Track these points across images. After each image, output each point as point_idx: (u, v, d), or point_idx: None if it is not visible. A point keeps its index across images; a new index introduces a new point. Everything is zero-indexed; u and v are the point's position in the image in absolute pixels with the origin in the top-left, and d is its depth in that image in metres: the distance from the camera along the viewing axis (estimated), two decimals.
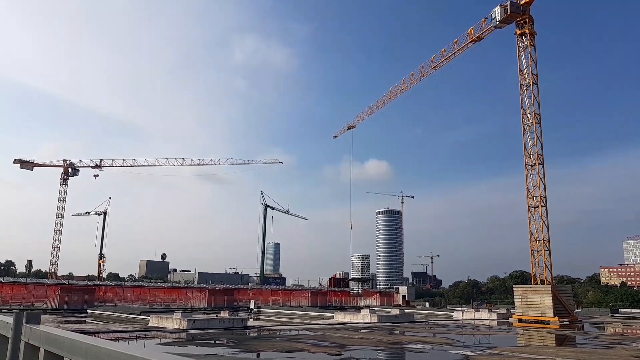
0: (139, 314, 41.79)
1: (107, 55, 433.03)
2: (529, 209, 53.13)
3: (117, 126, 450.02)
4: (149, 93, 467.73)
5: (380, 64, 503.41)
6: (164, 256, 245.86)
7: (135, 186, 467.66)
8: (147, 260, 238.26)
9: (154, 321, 36.33)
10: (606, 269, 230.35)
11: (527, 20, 55.21)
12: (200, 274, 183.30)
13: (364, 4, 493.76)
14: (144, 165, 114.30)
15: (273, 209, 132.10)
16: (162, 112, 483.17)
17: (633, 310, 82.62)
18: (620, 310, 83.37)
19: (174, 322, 33.94)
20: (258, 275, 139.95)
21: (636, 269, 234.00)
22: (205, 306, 65.84)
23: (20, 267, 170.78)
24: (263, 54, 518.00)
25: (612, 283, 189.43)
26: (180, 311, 38.46)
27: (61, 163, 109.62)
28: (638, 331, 43.79)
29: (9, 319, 4.31)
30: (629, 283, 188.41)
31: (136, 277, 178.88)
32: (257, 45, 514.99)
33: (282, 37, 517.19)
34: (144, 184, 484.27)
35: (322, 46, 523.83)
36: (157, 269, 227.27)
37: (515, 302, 52.97)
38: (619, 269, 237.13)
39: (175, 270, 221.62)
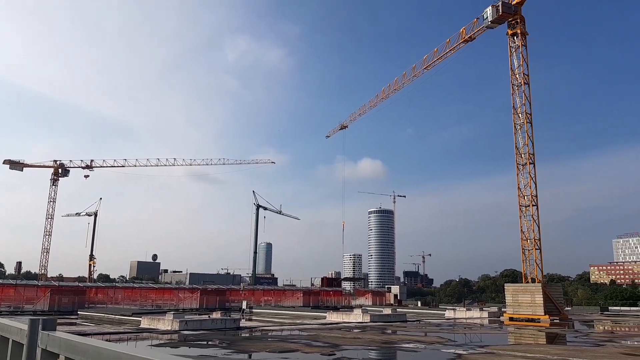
0: (131, 315, 41.53)
1: (98, 55, 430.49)
2: (520, 208, 53.49)
3: (109, 126, 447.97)
4: (141, 93, 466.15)
5: (373, 63, 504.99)
6: (155, 257, 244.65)
7: (127, 187, 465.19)
8: (138, 261, 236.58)
9: (145, 322, 36.13)
10: (596, 267, 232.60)
11: (518, 20, 55.56)
12: (191, 274, 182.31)
13: (357, 3, 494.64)
14: (135, 166, 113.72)
15: (265, 209, 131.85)
16: (154, 112, 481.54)
17: (622, 308, 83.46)
18: (609, 308, 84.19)
19: (166, 323, 33.76)
20: (250, 275, 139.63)
21: (625, 267, 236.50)
22: (197, 307, 65.53)
23: (10, 269, 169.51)
24: (255, 55, 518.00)
25: (602, 281, 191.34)
26: (172, 312, 38.29)
27: (51, 164, 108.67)
28: (627, 329, 44.24)
29: (24, 326, 4.24)
30: (618, 281, 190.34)
31: (127, 278, 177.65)
32: (249, 45, 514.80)
33: (274, 38, 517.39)
34: (135, 185, 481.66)
35: (315, 47, 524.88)
36: (148, 270, 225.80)
37: (506, 301, 53.32)
38: (609, 267, 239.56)
39: (166, 271, 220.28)
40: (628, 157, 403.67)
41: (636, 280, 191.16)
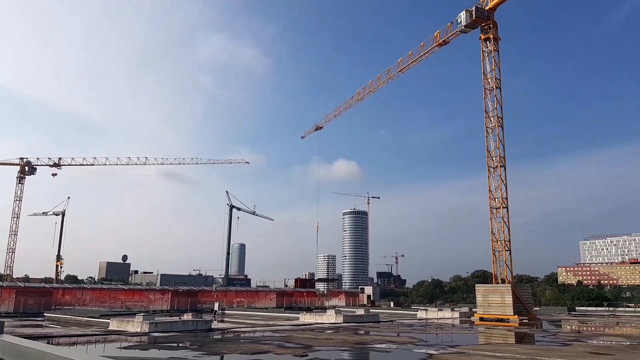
0: (99, 317, 40.69)
1: (68, 51, 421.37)
2: (490, 210, 54.42)
3: (78, 124, 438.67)
4: (112, 90, 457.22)
5: (349, 65, 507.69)
6: (125, 257, 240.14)
7: (97, 186, 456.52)
8: (107, 262, 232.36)
9: (114, 324, 35.45)
10: (563, 268, 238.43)
11: (491, 25, 56.53)
12: (162, 275, 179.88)
13: (333, 4, 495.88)
14: (105, 164, 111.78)
15: (239, 209, 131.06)
16: (125, 110, 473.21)
17: (589, 308, 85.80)
18: (576, 308, 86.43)
19: (136, 325, 33.17)
20: (222, 276, 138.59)
21: (592, 269, 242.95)
22: (168, 308, 64.58)
23: None
24: (230, 53, 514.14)
25: (569, 282, 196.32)
26: (142, 314, 37.60)
27: (17, 161, 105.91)
28: (593, 329, 45.48)
29: None
30: (585, 282, 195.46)
31: (95, 280, 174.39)
32: (223, 44, 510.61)
33: (249, 37, 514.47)
34: (106, 184, 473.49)
35: (291, 47, 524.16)
36: (118, 271, 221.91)
37: (477, 301, 54.17)
38: (576, 269, 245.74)
39: (136, 272, 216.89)
40: (593, 161, 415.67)
41: (602, 281, 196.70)
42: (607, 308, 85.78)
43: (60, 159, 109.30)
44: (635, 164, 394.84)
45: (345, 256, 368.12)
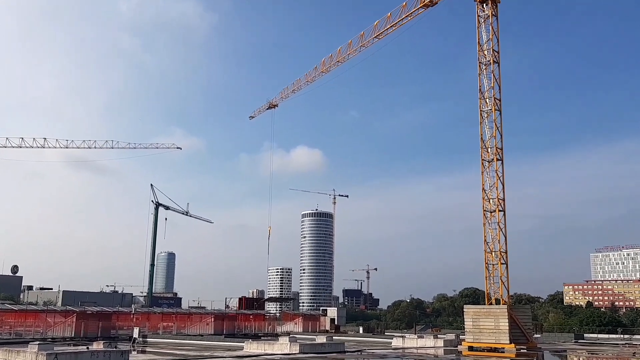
0: None
1: None
2: (484, 214, 55.49)
3: None
4: None
5: (312, 29, 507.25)
6: (15, 269, 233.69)
7: None
8: None
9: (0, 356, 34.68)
10: (570, 286, 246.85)
11: None
12: (65, 292, 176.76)
13: None
14: None
15: (167, 208, 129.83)
16: (16, 78, 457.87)
17: (600, 336, 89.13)
18: (585, 335, 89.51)
19: (28, 356, 32.50)
20: (145, 294, 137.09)
21: (604, 287, 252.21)
22: (72, 335, 63.58)
23: None
24: (159, 7, 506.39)
25: (577, 303, 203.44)
26: (38, 342, 36.85)
27: None
28: None
29: None
30: (596, 303, 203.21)
31: None
32: None
33: None
34: None
35: (237, 4, 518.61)
36: (5, 287, 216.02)
37: (465, 326, 55.37)
38: (585, 287, 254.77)
39: (30, 287, 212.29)
40: (600, 157, 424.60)
41: (616, 303, 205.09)
42: (621, 335, 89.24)
43: None
44: None
45: (303, 269, 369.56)
